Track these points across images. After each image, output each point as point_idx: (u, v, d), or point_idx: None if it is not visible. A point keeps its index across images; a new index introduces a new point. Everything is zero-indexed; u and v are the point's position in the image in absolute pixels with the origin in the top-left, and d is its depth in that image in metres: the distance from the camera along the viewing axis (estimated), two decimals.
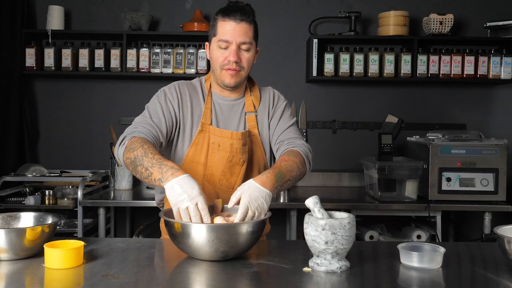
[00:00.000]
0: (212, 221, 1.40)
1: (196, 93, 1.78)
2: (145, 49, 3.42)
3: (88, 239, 1.60)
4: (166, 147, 1.74)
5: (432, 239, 3.01)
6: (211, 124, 1.74)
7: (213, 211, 1.55)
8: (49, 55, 3.41)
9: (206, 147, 1.72)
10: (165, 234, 1.82)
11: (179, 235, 1.35)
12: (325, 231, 1.26)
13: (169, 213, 1.48)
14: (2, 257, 1.36)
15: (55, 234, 1.48)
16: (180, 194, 1.38)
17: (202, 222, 1.37)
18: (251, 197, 1.44)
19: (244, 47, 1.69)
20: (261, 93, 1.85)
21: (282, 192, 3.29)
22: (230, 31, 1.66)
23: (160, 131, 1.67)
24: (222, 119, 1.77)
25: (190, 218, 1.37)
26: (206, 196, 1.72)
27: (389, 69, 3.39)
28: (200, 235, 1.31)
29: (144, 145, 1.52)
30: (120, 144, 1.60)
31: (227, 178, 1.73)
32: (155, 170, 1.45)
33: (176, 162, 1.70)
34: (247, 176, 1.77)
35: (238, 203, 1.47)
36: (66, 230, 3.13)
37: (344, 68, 3.40)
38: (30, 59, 3.40)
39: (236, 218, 1.42)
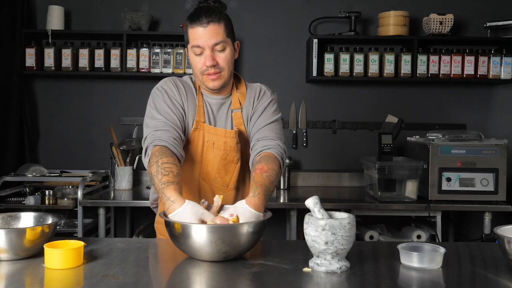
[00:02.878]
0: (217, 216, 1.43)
1: (190, 89, 1.77)
2: (145, 49, 3.42)
3: (88, 239, 1.60)
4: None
5: (432, 239, 3.01)
6: (204, 122, 1.73)
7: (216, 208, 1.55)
8: (49, 55, 3.41)
9: (201, 145, 1.72)
10: (160, 235, 1.82)
11: (180, 236, 1.35)
12: (325, 232, 1.26)
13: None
14: (2, 257, 1.36)
15: (55, 234, 1.48)
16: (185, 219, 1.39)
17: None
18: (244, 217, 1.44)
19: (218, 47, 1.66)
20: (247, 89, 1.82)
21: (282, 192, 3.30)
22: (199, 36, 1.64)
23: (179, 128, 1.66)
24: (213, 118, 1.76)
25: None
26: (203, 195, 1.73)
27: (389, 69, 3.39)
28: (202, 236, 1.31)
29: (159, 160, 1.52)
30: (145, 155, 1.62)
31: (222, 176, 1.74)
32: (160, 196, 1.49)
33: None
34: (240, 174, 1.78)
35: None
36: (66, 230, 3.13)
37: (344, 68, 3.40)
38: (30, 59, 3.40)
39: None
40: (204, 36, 1.64)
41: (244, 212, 1.45)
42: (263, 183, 1.55)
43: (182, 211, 1.39)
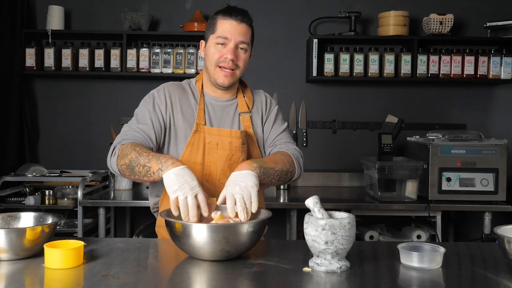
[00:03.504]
0: (209, 216, 1.44)
1: (186, 93, 1.79)
2: (145, 49, 3.42)
3: (88, 239, 1.60)
4: (157, 151, 1.74)
5: (432, 239, 3.01)
6: (205, 124, 1.74)
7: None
8: (49, 55, 3.41)
9: (202, 147, 1.72)
10: (161, 237, 1.81)
11: (181, 235, 1.35)
12: (325, 231, 1.26)
13: (170, 213, 1.48)
14: (2, 257, 1.36)
15: (55, 234, 1.48)
16: (181, 182, 1.41)
17: (200, 214, 1.41)
18: (231, 185, 1.48)
19: (242, 46, 1.70)
20: (253, 95, 1.87)
21: (282, 192, 3.30)
22: (229, 29, 1.68)
23: (149, 137, 1.69)
24: (216, 120, 1.77)
25: (187, 208, 1.39)
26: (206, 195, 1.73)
27: (389, 69, 3.39)
28: (204, 235, 1.31)
29: (136, 147, 1.56)
30: (111, 155, 1.62)
31: (227, 177, 1.73)
32: (153, 163, 1.49)
33: None
34: None
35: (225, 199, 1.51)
36: (66, 230, 3.13)
37: (344, 68, 3.40)
38: (30, 59, 3.40)
39: (228, 211, 1.45)
40: (235, 30, 1.68)
41: (229, 179, 1.50)
42: (262, 159, 1.63)
43: (179, 171, 1.43)
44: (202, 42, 1.78)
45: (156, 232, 1.85)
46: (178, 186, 1.41)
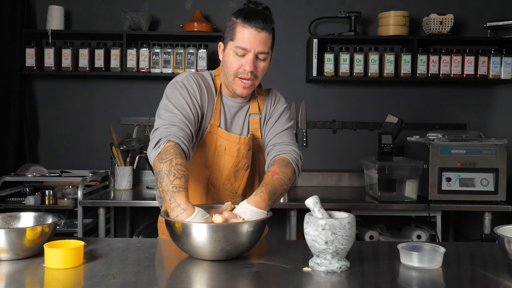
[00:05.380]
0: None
1: (211, 89, 1.71)
2: (145, 49, 3.42)
3: (88, 239, 1.60)
4: None
5: (432, 239, 3.01)
6: (219, 126, 1.70)
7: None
8: (49, 55, 3.41)
9: (213, 150, 1.69)
10: (162, 234, 1.81)
11: (181, 235, 1.35)
12: (325, 231, 1.26)
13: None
14: (2, 257, 1.36)
15: (55, 234, 1.48)
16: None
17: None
18: (241, 214, 1.44)
19: (261, 56, 1.63)
20: (265, 95, 1.81)
21: None
22: (249, 39, 1.59)
23: (193, 128, 1.60)
24: (229, 121, 1.73)
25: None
26: (210, 200, 1.72)
27: (389, 69, 3.39)
28: (204, 235, 1.31)
29: (173, 160, 1.45)
30: (154, 147, 1.52)
31: (231, 183, 1.72)
32: (167, 198, 1.42)
33: None
34: (249, 180, 1.77)
35: None
36: (66, 230, 3.13)
37: (344, 68, 3.40)
38: (30, 59, 3.39)
39: None
40: (254, 40, 1.59)
41: (245, 211, 1.45)
42: (270, 183, 1.54)
43: (193, 220, 1.37)
44: (221, 45, 1.69)
45: (158, 228, 1.85)
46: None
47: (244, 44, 1.59)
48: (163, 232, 1.80)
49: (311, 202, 1.35)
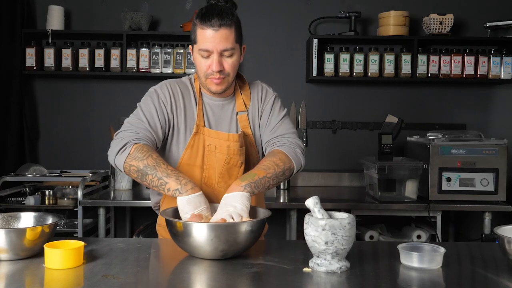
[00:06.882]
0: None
1: (188, 92, 1.74)
2: (145, 49, 3.42)
3: (88, 239, 1.60)
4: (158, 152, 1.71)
5: (432, 239, 3.01)
6: (204, 126, 1.71)
7: None
8: (49, 55, 3.41)
9: (201, 150, 1.69)
10: (161, 236, 1.81)
11: (179, 234, 1.36)
12: (325, 232, 1.26)
13: (169, 212, 1.50)
14: (2, 257, 1.36)
15: (55, 234, 1.48)
16: (196, 209, 1.47)
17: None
18: (222, 208, 1.49)
19: (226, 53, 1.61)
20: (251, 90, 1.81)
21: (282, 192, 3.30)
22: (209, 39, 1.58)
23: (158, 137, 1.66)
24: (214, 120, 1.74)
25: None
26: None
27: (389, 69, 3.39)
28: (200, 234, 1.32)
29: (152, 154, 1.54)
30: (121, 151, 1.57)
31: (226, 181, 1.72)
32: (171, 181, 1.49)
33: (171, 165, 1.64)
34: None
35: None
36: (66, 230, 3.13)
37: (344, 68, 3.40)
38: (30, 59, 3.39)
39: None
40: (214, 40, 1.58)
41: (223, 206, 1.50)
42: (251, 172, 1.59)
43: (196, 198, 1.48)
44: (191, 48, 1.71)
45: (157, 231, 1.85)
46: (193, 211, 1.47)
47: (206, 45, 1.60)
48: (162, 235, 1.80)
49: (311, 202, 1.35)
